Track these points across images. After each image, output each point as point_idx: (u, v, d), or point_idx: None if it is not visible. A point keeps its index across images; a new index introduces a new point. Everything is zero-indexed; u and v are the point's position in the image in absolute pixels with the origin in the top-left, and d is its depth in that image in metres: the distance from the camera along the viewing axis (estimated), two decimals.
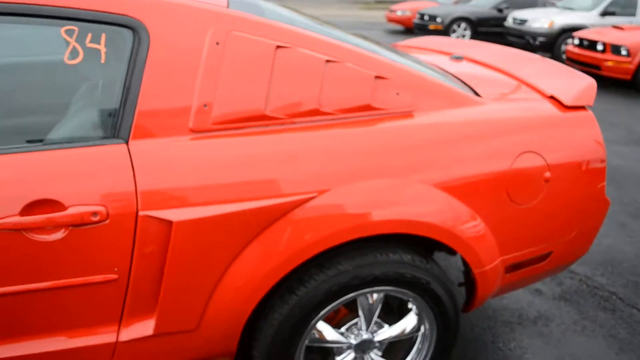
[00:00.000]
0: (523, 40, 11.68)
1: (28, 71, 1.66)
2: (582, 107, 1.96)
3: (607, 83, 9.34)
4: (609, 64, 8.86)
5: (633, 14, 11.70)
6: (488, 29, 13.56)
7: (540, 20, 11.67)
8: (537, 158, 1.79)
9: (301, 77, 1.55)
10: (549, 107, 1.92)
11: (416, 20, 14.80)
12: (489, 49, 2.65)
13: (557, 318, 2.62)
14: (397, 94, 1.69)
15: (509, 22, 12.54)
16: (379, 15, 20.67)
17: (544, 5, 14.26)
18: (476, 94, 1.92)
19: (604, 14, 11.55)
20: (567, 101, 1.93)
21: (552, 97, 1.97)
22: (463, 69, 2.28)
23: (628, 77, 8.72)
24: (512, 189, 1.76)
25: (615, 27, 9.88)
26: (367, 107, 1.64)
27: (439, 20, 13.76)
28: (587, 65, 9.34)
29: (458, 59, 2.47)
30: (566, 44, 10.78)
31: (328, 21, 2.15)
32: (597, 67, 9.08)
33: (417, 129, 1.67)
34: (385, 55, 1.79)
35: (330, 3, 32.33)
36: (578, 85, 2.04)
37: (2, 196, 1.30)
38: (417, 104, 1.71)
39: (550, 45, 11.35)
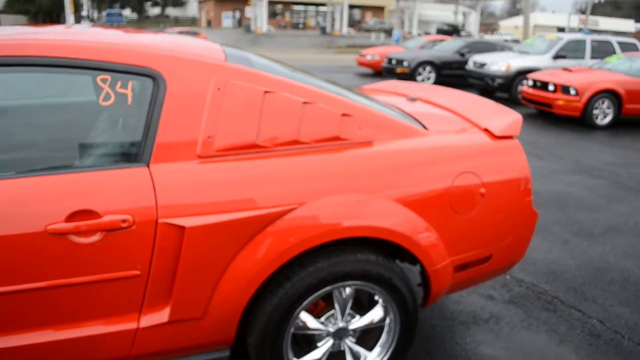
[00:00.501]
0: (483, 82, 12.44)
1: (69, 109, 2.06)
2: (510, 137, 2.43)
3: (558, 120, 10.07)
4: (560, 102, 9.59)
5: (582, 57, 12.62)
6: (451, 71, 14.37)
7: (498, 63, 12.49)
8: (473, 177, 2.23)
9: (284, 115, 1.98)
10: (483, 137, 2.38)
11: (384, 64, 15.59)
12: (438, 92, 3.14)
13: (506, 317, 3.03)
14: (359, 128, 2.12)
15: (470, 66, 13.36)
16: (350, 58, 21.56)
17: (502, 49, 15.19)
18: (424, 127, 2.37)
19: (556, 57, 12.44)
20: (497, 132, 2.39)
21: (485, 129, 2.44)
22: (416, 108, 2.74)
23: (577, 114, 9.44)
24: (454, 202, 2.19)
25: (565, 69, 10.69)
26: (336, 138, 2.07)
27: (405, 64, 14.54)
28: (541, 104, 10.06)
29: (413, 100, 2.93)
30: (522, 84, 11.52)
31: (303, 68, 2.60)
32: (549, 106, 9.80)
33: (374, 154, 2.10)
34: (351, 97, 2.24)
35: (305, 47, 33.46)
36: (507, 119, 2.51)
37: (50, 207, 1.67)
38: (375, 135, 2.15)
39: (507, 86, 12.14)
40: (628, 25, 75.70)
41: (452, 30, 40.96)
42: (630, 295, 3.38)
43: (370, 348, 2.28)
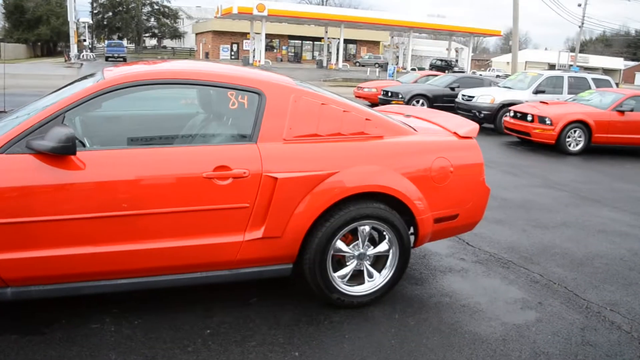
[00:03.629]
0: (470, 113, 13.85)
1: (215, 111, 3.42)
2: (470, 137, 3.75)
3: (536, 147, 11.46)
4: (537, 131, 10.99)
5: (560, 92, 14.11)
6: (442, 104, 15.80)
7: (484, 97, 13.97)
8: (445, 161, 3.54)
9: (332, 118, 3.30)
10: (452, 137, 3.71)
11: (381, 96, 17.06)
12: (424, 111, 4.49)
13: (472, 270, 4.31)
14: (375, 127, 3.45)
15: (459, 99, 14.82)
16: (347, 91, 23.01)
17: (490, 85, 16.72)
18: (415, 130, 3.70)
19: (537, 92, 13.92)
20: (461, 134, 3.73)
21: (454, 132, 3.77)
22: (409, 120, 4.07)
23: (552, 141, 10.82)
24: (433, 176, 3.50)
25: (542, 102, 12.15)
26: (361, 133, 3.39)
27: (400, 96, 15.99)
28: (521, 133, 11.47)
29: (408, 116, 4.27)
30: (505, 116, 12.94)
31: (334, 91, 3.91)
32: (528, 134, 11.20)
33: (385, 143, 3.42)
34: (369, 110, 3.56)
35: (303, 80, 35.06)
36: (469, 127, 3.84)
37: (205, 163, 2.96)
38: (385, 133, 3.47)
39: (492, 117, 13.59)
40: (617, 62, 78.15)
41: (446, 66, 42.91)
42: (566, 262, 4.66)
43: (379, 270, 3.54)
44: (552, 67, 62.99)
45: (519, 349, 3.14)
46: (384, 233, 3.45)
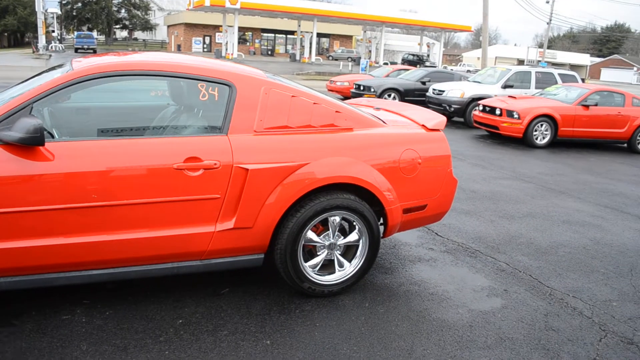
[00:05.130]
0: (441, 107, 14.04)
1: (184, 102, 3.41)
2: (438, 130, 3.83)
3: (504, 140, 11.69)
4: (505, 125, 11.20)
5: (528, 87, 14.39)
6: (413, 98, 15.97)
7: (454, 91, 14.16)
8: (413, 152, 3.62)
9: (302, 110, 3.33)
10: (420, 129, 3.78)
11: (353, 90, 17.13)
12: (393, 104, 4.56)
13: (440, 259, 4.40)
14: (345, 120, 3.50)
15: (430, 93, 14.99)
16: (320, 85, 23.08)
17: (460, 79, 16.94)
18: (384, 122, 3.76)
19: (505, 86, 14.18)
20: (429, 126, 3.80)
21: (422, 125, 3.84)
22: (379, 113, 4.13)
23: (520, 135, 11.05)
24: (402, 167, 3.57)
25: (510, 96, 12.38)
26: (331, 125, 3.43)
27: (372, 90, 16.09)
28: (489, 126, 11.68)
29: (377, 109, 4.33)
30: (474, 110, 13.13)
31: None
32: (496, 128, 11.41)
33: (354, 135, 3.47)
34: (340, 103, 3.61)
35: (276, 74, 34.98)
36: (437, 120, 3.92)
37: (175, 155, 2.96)
38: (355, 125, 3.52)
39: (462, 111, 13.79)
40: (584, 58, 79.82)
41: (417, 60, 43.27)
42: (531, 251, 4.79)
43: (350, 259, 3.60)
44: (521, 62, 64.08)
45: (485, 334, 3.24)
46: (354, 223, 3.51)
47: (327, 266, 3.55)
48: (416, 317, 3.37)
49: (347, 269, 3.56)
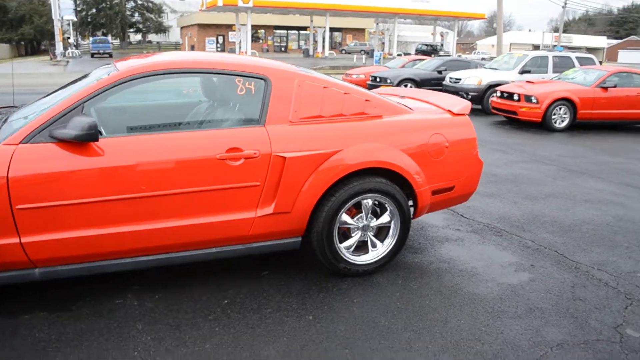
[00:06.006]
0: (458, 95, 14.12)
1: (220, 96, 3.62)
2: (463, 114, 3.99)
3: (523, 125, 11.75)
4: (523, 109, 11.26)
5: (545, 72, 14.41)
6: (430, 87, 16.03)
7: (471, 79, 14.23)
8: (441, 137, 3.78)
9: (334, 100, 3.52)
10: (446, 114, 3.95)
11: (369, 82, 17.25)
12: (418, 92, 4.72)
13: (468, 239, 4.56)
14: (375, 107, 3.67)
15: (447, 81, 15.07)
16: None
17: (476, 67, 16.97)
18: (411, 109, 3.93)
19: (522, 72, 14.21)
20: (455, 111, 3.96)
21: (448, 110, 4.00)
22: (404, 101, 4.30)
23: (538, 119, 11.11)
24: (430, 151, 3.73)
25: (528, 82, 12.42)
26: (362, 113, 3.62)
27: (389, 81, 16.20)
28: (508, 112, 11.74)
29: (403, 97, 4.50)
30: (492, 96, 13.20)
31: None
32: (515, 113, 11.48)
33: (384, 122, 3.65)
34: (368, 92, 3.79)
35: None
36: (461, 105, 4.07)
37: (218, 146, 3.17)
38: (384, 112, 3.70)
39: (480, 98, 13.85)
40: (601, 41, 78.67)
41: (431, 50, 43.10)
42: (555, 229, 4.93)
43: (382, 240, 3.78)
44: (536, 48, 63.36)
45: (515, 305, 3.40)
46: (386, 205, 3.69)
47: (361, 247, 3.74)
48: (448, 292, 3.55)
49: (379, 249, 3.75)
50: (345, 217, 3.60)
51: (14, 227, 2.88)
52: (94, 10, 60.63)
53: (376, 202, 3.68)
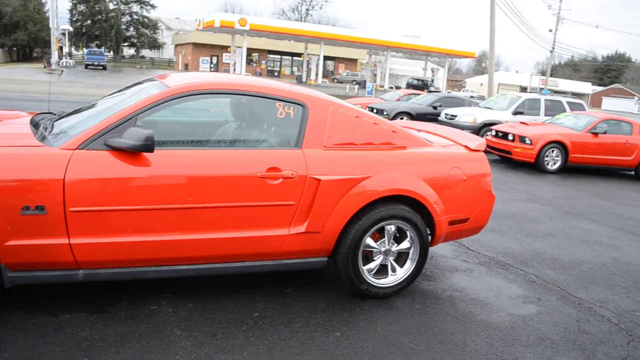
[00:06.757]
0: None
1: (261, 119, 3.82)
2: (480, 151, 4.24)
3: (517, 165, 12.10)
4: (517, 150, 11.62)
5: (537, 114, 14.88)
6: (425, 121, 16.42)
7: (466, 116, 14.63)
8: (459, 170, 4.02)
9: (365, 129, 3.74)
10: (464, 150, 4.19)
11: None
12: (434, 126, 4.97)
13: (476, 270, 4.77)
14: (401, 139, 3.90)
15: (442, 117, 15.46)
16: None
17: (470, 105, 17.44)
18: (431, 142, 4.16)
19: (515, 113, 14.66)
20: (472, 147, 4.21)
21: (465, 146, 4.25)
22: (423, 134, 4.54)
23: (532, 160, 11.46)
24: (449, 183, 3.96)
25: (522, 122, 12.83)
26: (389, 143, 3.84)
27: (385, 113, 16.56)
28: (502, 151, 12.09)
29: (419, 130, 4.74)
30: (486, 135, 13.58)
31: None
32: (509, 152, 11.83)
33: (409, 153, 3.88)
34: (394, 123, 4.02)
35: None
36: (477, 141, 4.33)
37: (259, 164, 3.36)
38: (408, 144, 3.93)
39: None
40: (586, 87, 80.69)
41: (422, 85, 43.95)
42: (556, 266, 5.16)
43: (401, 265, 3.97)
44: (523, 89, 64.93)
45: (526, 335, 3.59)
46: (407, 232, 3.89)
47: (381, 270, 3.92)
48: (463, 318, 3.73)
49: (399, 274, 3.93)
50: (369, 240, 3.79)
51: (64, 229, 3.02)
52: (89, 22, 60.79)
53: (397, 228, 3.88)
